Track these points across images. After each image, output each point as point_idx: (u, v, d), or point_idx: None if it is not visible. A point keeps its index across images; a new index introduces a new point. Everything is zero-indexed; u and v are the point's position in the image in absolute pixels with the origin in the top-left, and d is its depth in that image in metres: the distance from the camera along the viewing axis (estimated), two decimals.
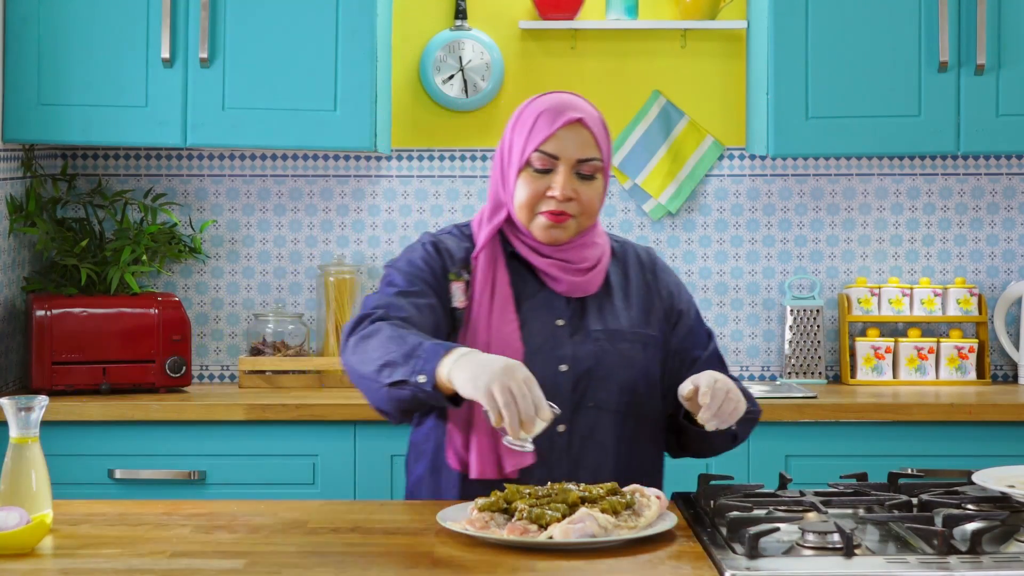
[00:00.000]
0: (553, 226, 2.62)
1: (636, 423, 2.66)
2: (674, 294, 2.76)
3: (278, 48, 3.95)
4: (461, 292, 2.65)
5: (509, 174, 2.65)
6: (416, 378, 2.39)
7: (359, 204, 4.32)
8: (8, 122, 3.92)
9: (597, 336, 2.65)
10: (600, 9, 4.28)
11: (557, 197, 2.60)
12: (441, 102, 4.29)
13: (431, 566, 2.12)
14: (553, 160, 2.61)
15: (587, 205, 2.63)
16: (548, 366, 2.60)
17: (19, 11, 3.92)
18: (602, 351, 2.64)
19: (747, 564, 2.08)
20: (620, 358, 2.65)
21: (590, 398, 2.62)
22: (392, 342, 2.45)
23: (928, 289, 4.25)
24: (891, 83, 3.97)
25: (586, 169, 2.62)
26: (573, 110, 2.63)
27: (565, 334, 2.64)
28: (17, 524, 2.17)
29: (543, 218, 2.62)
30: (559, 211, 2.61)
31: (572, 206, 2.62)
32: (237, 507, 2.50)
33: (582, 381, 2.62)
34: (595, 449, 2.62)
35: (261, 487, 3.77)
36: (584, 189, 2.62)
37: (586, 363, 2.62)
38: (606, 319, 2.67)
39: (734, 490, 2.50)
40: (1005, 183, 4.32)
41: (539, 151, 2.61)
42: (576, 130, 2.62)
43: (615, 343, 2.65)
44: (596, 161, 2.63)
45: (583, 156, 2.62)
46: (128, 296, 4.00)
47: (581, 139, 2.62)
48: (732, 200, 4.33)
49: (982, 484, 2.41)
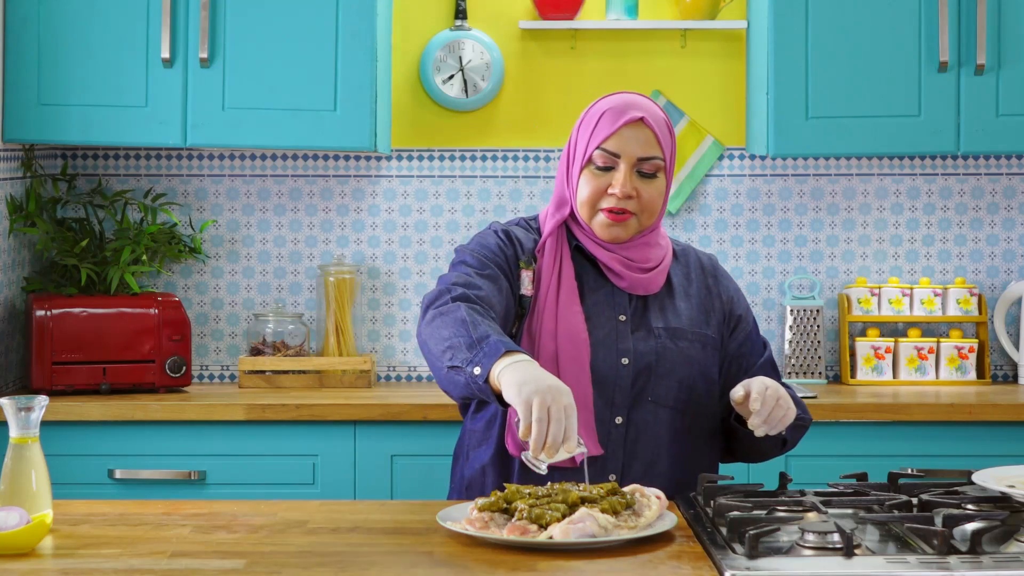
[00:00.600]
0: (613, 224, 2.66)
1: (692, 420, 2.70)
2: (734, 299, 2.80)
3: (278, 48, 3.95)
4: (529, 280, 2.69)
5: (573, 171, 2.70)
6: (471, 368, 2.41)
7: (359, 204, 4.32)
8: (8, 122, 3.92)
9: (658, 333, 2.68)
10: (600, 9, 4.28)
11: (617, 194, 2.64)
12: (441, 102, 4.29)
13: (431, 566, 2.12)
14: (614, 158, 2.65)
15: (648, 203, 2.66)
16: (610, 358, 2.64)
17: (19, 11, 3.92)
18: (663, 348, 2.68)
19: (747, 564, 2.08)
20: (680, 355, 2.69)
21: (649, 392, 2.66)
22: (463, 326, 2.46)
23: (928, 289, 4.25)
24: (891, 83, 3.97)
25: (647, 167, 2.65)
26: (636, 109, 2.66)
27: (627, 329, 2.68)
28: (17, 524, 2.17)
29: (603, 216, 2.66)
30: (619, 209, 2.65)
31: (632, 204, 2.65)
32: (237, 507, 2.50)
33: (642, 375, 2.66)
34: (650, 443, 2.66)
35: (261, 487, 3.77)
36: (645, 188, 2.66)
37: (647, 358, 2.66)
38: (667, 317, 2.71)
39: (734, 490, 2.50)
40: (1005, 183, 4.32)
41: (601, 149, 2.65)
42: (638, 129, 2.65)
43: (675, 340, 2.69)
44: (657, 160, 2.66)
45: (644, 154, 2.65)
46: (128, 296, 4.00)
47: (643, 138, 2.65)
48: (732, 200, 4.33)
49: (982, 484, 2.41)
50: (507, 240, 2.72)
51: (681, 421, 2.68)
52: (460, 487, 2.75)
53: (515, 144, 4.33)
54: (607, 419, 2.63)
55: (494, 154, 4.32)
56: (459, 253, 2.72)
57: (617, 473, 2.64)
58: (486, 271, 2.65)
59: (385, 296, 4.32)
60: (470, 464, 2.72)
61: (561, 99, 4.32)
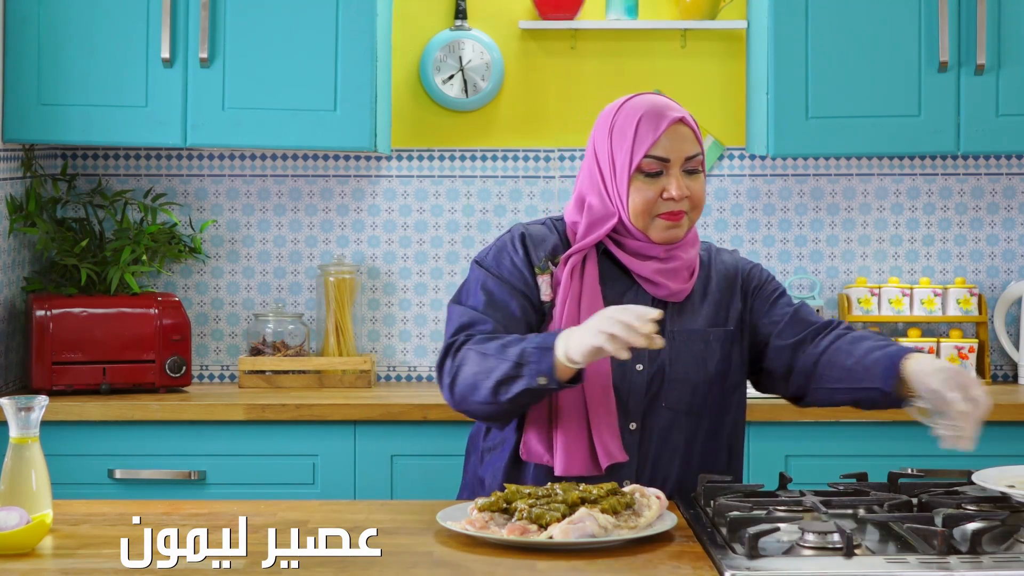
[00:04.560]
0: (672, 226, 2.65)
1: (710, 422, 2.69)
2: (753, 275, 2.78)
3: (278, 48, 3.95)
4: (547, 285, 2.68)
5: (619, 183, 2.65)
6: (538, 381, 2.50)
7: (359, 204, 4.32)
8: (8, 122, 3.92)
9: (673, 337, 2.67)
10: (600, 9, 4.28)
11: (675, 198, 2.63)
12: (441, 102, 4.29)
13: (431, 566, 2.12)
14: (664, 163, 2.64)
15: (698, 199, 2.67)
16: (625, 365, 2.63)
17: (19, 11, 3.92)
18: (677, 353, 2.67)
19: (747, 564, 2.08)
20: (694, 359, 2.68)
21: (663, 398, 2.65)
22: (488, 360, 2.55)
23: (928, 289, 4.25)
24: (891, 83, 3.97)
25: (692, 165, 2.66)
26: (671, 110, 2.66)
27: None
28: (17, 524, 2.17)
29: (661, 220, 2.65)
30: (676, 211, 2.64)
31: (686, 203, 2.66)
32: (237, 507, 2.50)
33: (656, 381, 2.65)
34: (665, 449, 2.65)
35: (261, 487, 3.77)
36: (693, 185, 2.66)
37: (660, 364, 2.66)
38: (684, 320, 2.70)
39: (734, 490, 2.50)
40: (1005, 183, 4.32)
41: (649, 156, 2.63)
42: (679, 130, 2.65)
43: (691, 344, 2.68)
44: (698, 156, 2.67)
45: (690, 154, 2.65)
46: (128, 296, 4.00)
47: (684, 137, 2.65)
48: (732, 200, 4.33)
49: (982, 484, 2.41)
50: (522, 249, 2.70)
51: (697, 425, 2.68)
52: (473, 485, 2.74)
53: (515, 144, 4.33)
54: (622, 425, 2.63)
55: (494, 154, 4.32)
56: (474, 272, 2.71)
57: (631, 479, 2.63)
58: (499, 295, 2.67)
59: (385, 296, 4.32)
60: (484, 466, 2.72)
61: (561, 99, 4.32)
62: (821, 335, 2.70)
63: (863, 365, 2.61)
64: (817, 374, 2.67)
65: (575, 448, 2.59)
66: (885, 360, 2.57)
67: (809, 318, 2.74)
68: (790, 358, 2.70)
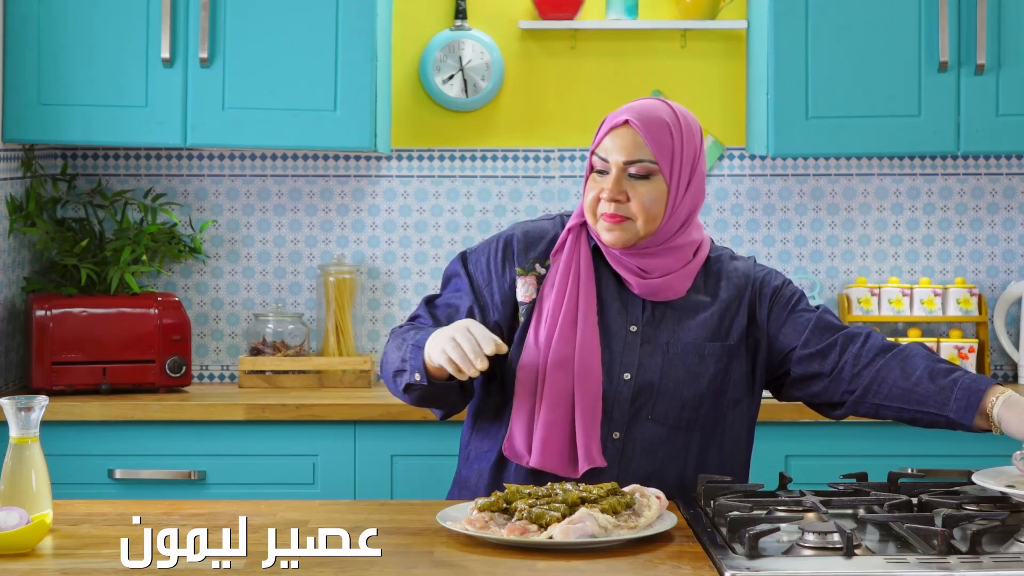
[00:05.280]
0: (610, 228, 2.63)
1: (703, 438, 2.66)
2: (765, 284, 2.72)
3: (278, 48, 3.95)
4: (529, 286, 2.68)
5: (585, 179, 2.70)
6: (414, 377, 2.54)
7: (359, 204, 4.32)
8: (8, 122, 3.92)
9: (666, 349, 2.64)
10: (600, 9, 4.28)
11: (604, 197, 2.62)
12: (441, 102, 4.29)
13: (431, 566, 2.12)
14: (605, 163, 2.64)
15: (642, 207, 2.62)
16: (613, 372, 2.62)
17: (19, 11, 3.92)
18: (668, 366, 2.64)
19: (747, 564, 2.08)
20: (687, 374, 2.64)
21: (648, 411, 2.63)
22: (395, 351, 2.61)
23: (928, 289, 4.25)
24: (891, 83, 3.97)
25: (636, 170, 2.62)
26: (626, 113, 2.65)
27: (636, 342, 2.65)
28: (17, 524, 2.17)
29: (603, 220, 2.64)
30: (611, 213, 2.62)
31: (626, 208, 2.62)
32: (237, 507, 2.50)
33: (643, 393, 2.62)
34: (646, 460, 2.62)
35: (261, 487, 3.77)
36: (636, 191, 2.62)
37: (649, 375, 2.63)
38: (682, 332, 2.66)
39: (734, 490, 2.50)
40: (1005, 183, 4.32)
41: (595, 155, 2.66)
42: (624, 132, 2.64)
43: (684, 357, 2.64)
44: (646, 163, 2.62)
45: (630, 158, 2.62)
46: (128, 296, 4.00)
47: (628, 141, 2.63)
48: (732, 200, 4.33)
49: (982, 484, 2.41)
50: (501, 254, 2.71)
51: (684, 439, 2.64)
52: (459, 485, 2.74)
53: (515, 144, 4.33)
54: (605, 434, 2.61)
55: (494, 154, 4.32)
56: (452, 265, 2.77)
57: None
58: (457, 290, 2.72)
59: (385, 296, 4.32)
60: (469, 464, 2.72)
61: (561, 99, 4.32)
62: (854, 343, 2.64)
63: (926, 387, 2.57)
64: (863, 387, 2.62)
65: (555, 445, 2.58)
66: (961, 392, 2.54)
67: (835, 323, 2.69)
68: (820, 365, 2.66)
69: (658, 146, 2.62)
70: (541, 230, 2.73)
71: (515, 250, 2.70)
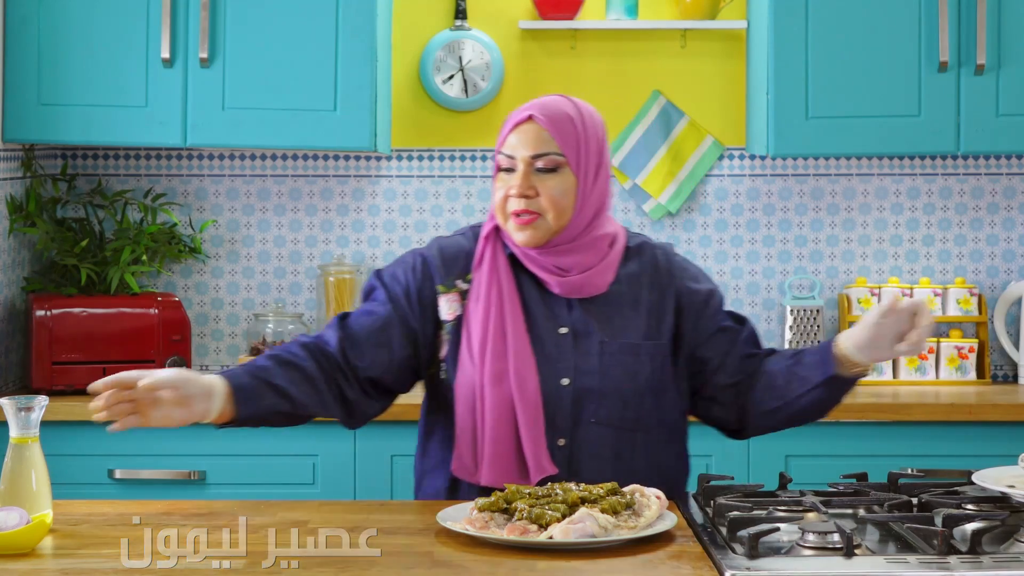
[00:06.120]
0: (521, 228, 2.60)
1: (643, 436, 2.64)
2: (691, 290, 2.69)
3: (278, 48, 3.95)
4: (453, 303, 2.64)
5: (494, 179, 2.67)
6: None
7: (359, 204, 4.32)
8: (8, 122, 3.92)
9: (602, 349, 2.62)
10: (600, 9, 4.28)
11: (513, 194, 2.59)
12: (441, 102, 4.29)
13: (431, 566, 2.12)
14: (512, 160, 2.62)
15: (551, 201, 2.59)
16: (550, 379, 2.59)
17: (19, 11, 3.92)
18: (606, 366, 2.61)
19: (747, 564, 2.08)
20: (625, 373, 2.62)
21: (591, 414, 2.60)
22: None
23: (928, 289, 4.25)
24: (891, 83, 3.97)
25: (543, 163, 2.60)
26: (529, 109, 2.64)
27: (568, 344, 2.62)
28: (17, 524, 2.17)
29: (513, 221, 2.61)
30: (523, 211, 2.59)
31: (536, 203, 2.59)
32: (237, 507, 2.50)
33: (583, 397, 2.60)
34: (593, 464, 2.60)
35: (261, 487, 3.77)
36: (543, 185, 2.60)
37: (588, 379, 2.60)
38: (613, 329, 2.63)
39: (734, 490, 2.50)
40: (1005, 183, 4.32)
41: (501, 153, 2.64)
42: (528, 128, 2.62)
43: (620, 357, 2.62)
44: (553, 155, 2.60)
45: (536, 152, 2.60)
46: (128, 296, 4.00)
47: (532, 136, 2.61)
48: (732, 200, 4.33)
49: (982, 484, 2.41)
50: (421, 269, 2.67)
51: (628, 439, 2.62)
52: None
53: None
54: (549, 441, 2.58)
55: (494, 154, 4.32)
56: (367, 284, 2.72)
57: None
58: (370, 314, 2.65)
59: None
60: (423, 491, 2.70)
61: None
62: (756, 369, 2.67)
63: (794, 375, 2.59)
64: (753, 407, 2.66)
65: (503, 459, 2.55)
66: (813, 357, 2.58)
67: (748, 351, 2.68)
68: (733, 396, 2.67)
69: (563, 139, 2.61)
70: (457, 246, 2.69)
71: (432, 268, 2.66)
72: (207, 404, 2.43)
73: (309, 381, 2.57)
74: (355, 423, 2.68)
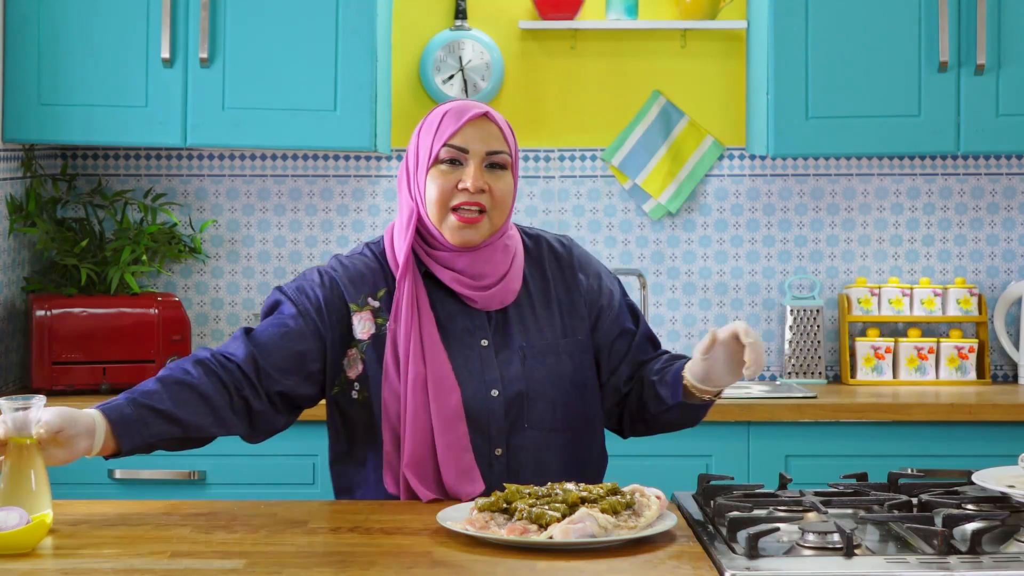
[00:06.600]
0: (465, 227, 2.56)
1: (576, 434, 2.63)
2: (594, 288, 2.69)
3: (278, 48, 3.95)
4: (366, 321, 2.60)
5: (419, 175, 2.60)
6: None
7: (359, 204, 4.32)
8: (8, 122, 3.93)
9: (524, 354, 2.61)
10: (600, 9, 4.28)
11: (469, 188, 2.55)
12: (441, 102, 4.28)
13: (431, 566, 2.12)
14: (462, 153, 2.57)
15: (500, 199, 2.58)
16: (479, 392, 2.57)
17: (19, 11, 3.92)
18: (530, 370, 2.60)
19: (747, 564, 2.08)
20: (549, 374, 2.61)
21: (524, 419, 2.59)
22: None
23: (928, 289, 4.25)
24: (891, 83, 3.97)
25: (496, 160, 2.59)
26: (478, 107, 2.61)
27: (491, 355, 2.60)
28: (17, 524, 2.17)
29: (454, 219, 2.57)
30: (471, 204, 2.56)
31: (485, 198, 2.57)
32: (237, 507, 2.50)
33: (514, 404, 2.58)
34: (535, 468, 2.59)
35: (261, 487, 3.77)
36: (495, 182, 2.58)
37: (516, 385, 2.59)
38: (530, 333, 2.63)
39: (734, 490, 2.50)
40: (1005, 183, 4.32)
41: (448, 145, 2.57)
42: (483, 124, 2.59)
43: (543, 359, 2.61)
44: (505, 154, 2.59)
45: (492, 148, 2.58)
46: (128, 296, 4.00)
47: (488, 133, 2.59)
48: (732, 200, 4.33)
49: (982, 484, 2.41)
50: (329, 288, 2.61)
51: (564, 439, 2.61)
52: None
53: None
54: (487, 452, 2.56)
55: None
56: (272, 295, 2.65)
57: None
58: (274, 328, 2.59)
59: None
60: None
61: (561, 99, 4.32)
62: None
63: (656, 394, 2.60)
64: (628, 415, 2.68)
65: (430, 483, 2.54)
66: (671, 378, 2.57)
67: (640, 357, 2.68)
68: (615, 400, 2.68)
69: (509, 140, 2.61)
70: (361, 263, 2.64)
71: (341, 285, 2.61)
72: (89, 441, 2.37)
73: (202, 400, 2.49)
74: (258, 437, 2.62)
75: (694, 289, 4.31)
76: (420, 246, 2.61)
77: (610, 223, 4.30)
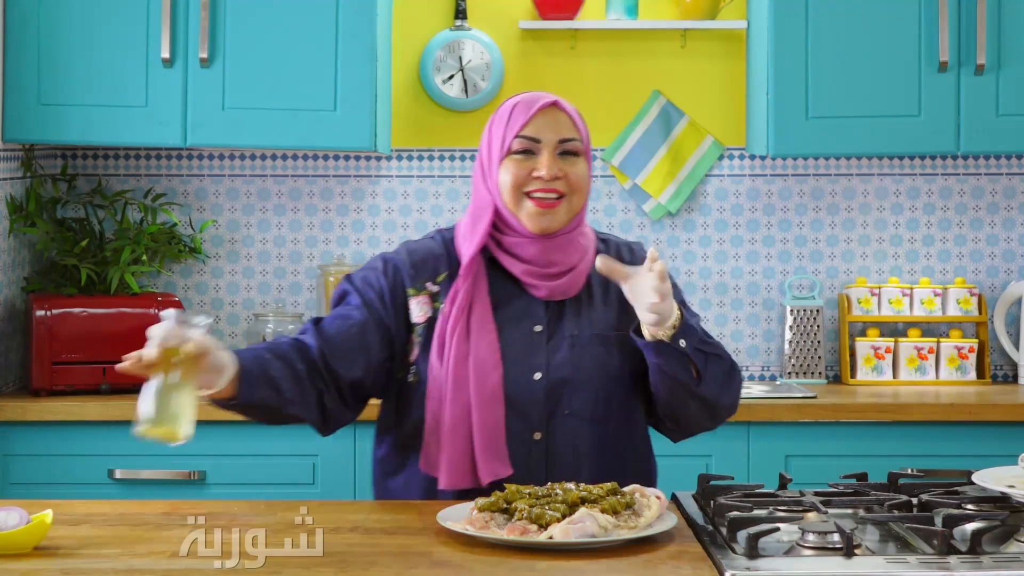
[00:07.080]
0: (544, 213, 2.59)
1: (615, 428, 2.64)
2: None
3: (278, 48, 3.95)
4: (424, 305, 2.63)
5: (492, 168, 2.64)
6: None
7: (359, 204, 4.32)
8: (8, 122, 3.93)
9: (572, 341, 2.62)
10: (600, 9, 4.28)
11: (544, 176, 2.58)
12: (441, 102, 4.29)
13: (431, 566, 2.12)
14: (535, 143, 2.60)
15: (576, 183, 2.61)
16: (522, 375, 2.59)
17: (19, 11, 3.92)
18: (577, 357, 2.61)
19: (747, 564, 2.08)
20: (595, 363, 2.62)
21: (565, 406, 2.60)
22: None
23: (928, 289, 4.25)
24: (891, 83, 3.97)
25: (569, 147, 2.61)
26: (547, 97, 2.64)
27: (542, 340, 2.62)
28: (17, 524, 2.17)
29: (532, 205, 2.60)
30: (548, 190, 2.59)
31: (561, 184, 2.60)
32: (237, 507, 2.50)
33: (556, 389, 2.60)
34: (571, 457, 2.59)
35: (261, 487, 3.77)
36: (570, 167, 2.61)
37: (560, 371, 2.60)
38: (582, 322, 2.64)
39: (734, 490, 2.50)
40: (1005, 183, 4.32)
41: (520, 136, 2.60)
42: (553, 113, 2.62)
43: (590, 348, 2.62)
44: (577, 141, 2.62)
45: (564, 136, 2.61)
46: (128, 296, 4.00)
47: (559, 121, 2.62)
48: (732, 200, 4.33)
49: (982, 484, 2.41)
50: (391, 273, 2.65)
51: (602, 431, 2.62)
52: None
53: None
54: (525, 436, 2.57)
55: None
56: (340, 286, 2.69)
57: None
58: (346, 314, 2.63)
59: None
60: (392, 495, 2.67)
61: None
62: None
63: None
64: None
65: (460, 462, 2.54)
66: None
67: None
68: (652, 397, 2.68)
69: (581, 128, 2.65)
70: (426, 249, 2.69)
71: (402, 271, 2.65)
72: (218, 377, 2.42)
73: (298, 380, 2.55)
74: (329, 430, 2.66)
75: (694, 289, 4.31)
76: (492, 240, 2.64)
77: (610, 223, 4.30)
